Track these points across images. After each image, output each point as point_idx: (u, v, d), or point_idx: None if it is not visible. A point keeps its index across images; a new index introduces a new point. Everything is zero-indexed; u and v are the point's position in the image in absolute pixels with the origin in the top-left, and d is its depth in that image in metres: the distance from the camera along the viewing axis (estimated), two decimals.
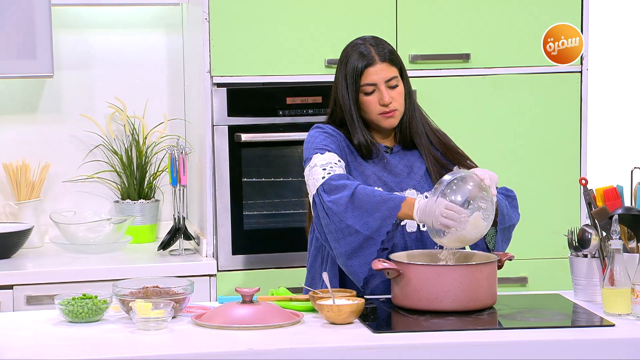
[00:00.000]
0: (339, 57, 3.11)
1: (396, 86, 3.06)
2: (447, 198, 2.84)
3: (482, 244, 3.06)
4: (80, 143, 4.15)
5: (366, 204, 2.90)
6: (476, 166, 3.12)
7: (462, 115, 3.91)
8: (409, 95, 3.11)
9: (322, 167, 2.98)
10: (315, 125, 3.12)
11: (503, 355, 2.57)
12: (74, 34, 4.14)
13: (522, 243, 3.92)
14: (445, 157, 3.12)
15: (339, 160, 3.01)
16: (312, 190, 2.98)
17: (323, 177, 2.95)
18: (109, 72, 4.16)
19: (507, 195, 3.09)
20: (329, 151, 3.02)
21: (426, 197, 3.05)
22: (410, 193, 3.06)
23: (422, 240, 3.05)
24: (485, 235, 3.05)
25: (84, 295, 2.79)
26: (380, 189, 3.04)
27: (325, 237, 2.98)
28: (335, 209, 2.91)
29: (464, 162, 3.13)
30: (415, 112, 3.12)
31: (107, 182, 4.15)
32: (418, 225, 3.05)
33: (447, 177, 2.89)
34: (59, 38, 4.08)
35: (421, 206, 2.87)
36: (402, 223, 3.03)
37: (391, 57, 3.06)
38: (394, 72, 3.06)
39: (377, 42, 3.08)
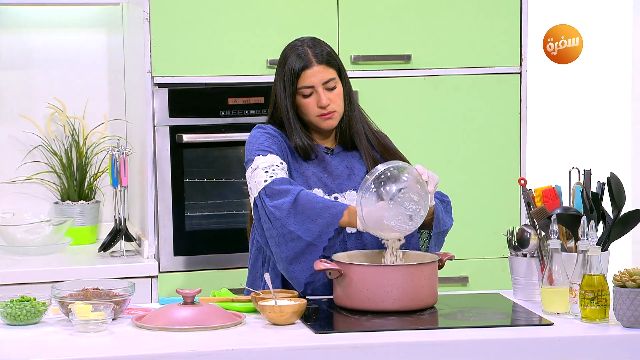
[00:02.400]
0: (280, 57, 3.12)
1: (334, 88, 3.07)
2: (381, 187, 2.86)
3: (415, 247, 3.08)
4: (19, 144, 4.11)
5: (309, 210, 2.90)
6: None
7: (403, 116, 3.93)
8: (349, 96, 3.11)
9: (265, 169, 2.98)
10: (257, 125, 3.12)
11: (444, 354, 2.59)
12: (13, 33, 4.09)
13: (463, 243, 3.95)
14: (384, 160, 3.13)
15: (281, 163, 3.01)
16: (254, 193, 2.98)
17: (265, 181, 2.95)
18: (48, 72, 4.12)
19: (442, 200, 3.11)
20: (271, 153, 3.02)
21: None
22: (350, 194, 3.07)
23: (362, 241, 3.06)
24: (419, 238, 3.07)
25: (23, 297, 2.76)
26: (320, 190, 3.04)
27: (265, 241, 2.98)
28: (278, 214, 2.91)
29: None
30: (355, 113, 3.13)
31: (47, 183, 4.11)
32: None
33: (380, 166, 2.90)
34: None
35: (364, 216, 2.87)
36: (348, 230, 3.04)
37: (329, 59, 3.07)
38: (331, 73, 3.06)
39: (315, 44, 3.08)
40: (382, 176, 2.88)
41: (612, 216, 2.93)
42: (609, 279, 2.74)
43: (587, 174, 2.97)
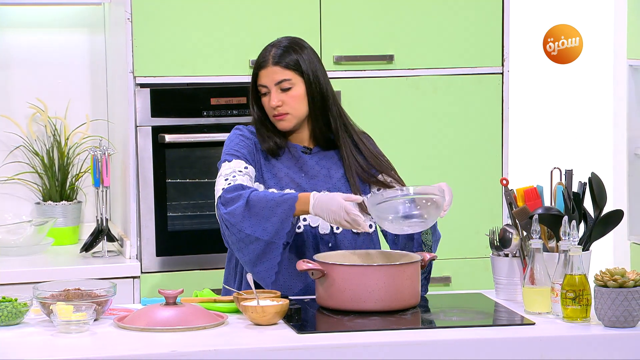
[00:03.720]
0: None
1: (289, 89, 3.05)
2: (402, 209, 2.85)
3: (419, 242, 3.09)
4: (0, 144, 4.09)
5: (261, 210, 2.91)
6: (400, 179, 3.13)
7: (385, 116, 3.94)
8: (322, 97, 3.08)
9: (225, 177, 3.00)
10: (236, 126, 3.13)
11: (426, 354, 2.59)
12: None
13: (445, 243, 3.94)
14: (368, 163, 3.13)
15: (245, 167, 3.02)
16: (216, 195, 3.01)
17: (223, 189, 2.98)
18: (29, 72, 4.10)
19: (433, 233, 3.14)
20: (237, 158, 3.03)
21: (375, 192, 3.04)
22: None
23: (335, 243, 3.06)
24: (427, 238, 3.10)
25: (4, 298, 2.75)
26: (292, 191, 3.04)
27: (230, 247, 3.00)
28: (232, 220, 2.92)
29: (388, 171, 3.14)
30: (333, 114, 3.11)
31: (28, 184, 4.10)
32: (331, 227, 3.06)
33: (414, 189, 2.90)
34: None
35: (317, 202, 2.88)
36: (312, 224, 3.04)
37: (287, 60, 3.05)
38: (287, 74, 3.04)
39: (279, 44, 3.08)
40: (407, 205, 2.88)
41: (593, 216, 2.94)
42: (590, 278, 2.75)
43: (569, 174, 2.99)
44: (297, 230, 3.03)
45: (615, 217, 2.93)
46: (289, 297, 2.86)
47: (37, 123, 4.11)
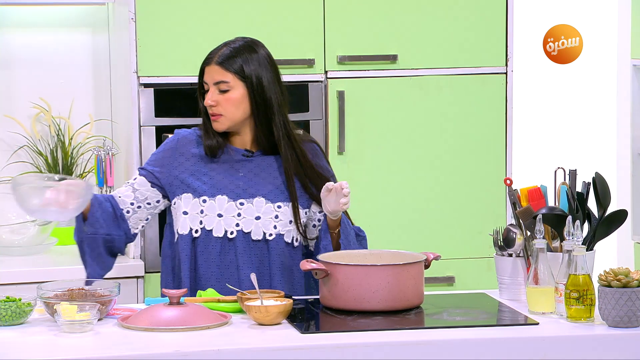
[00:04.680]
0: None
1: (226, 91, 3.02)
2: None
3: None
4: (4, 144, 4.09)
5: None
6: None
7: (389, 116, 3.94)
8: (265, 105, 3.03)
9: (126, 184, 3.09)
10: (175, 130, 3.15)
11: (430, 354, 2.59)
12: None
13: (449, 243, 3.96)
14: (307, 176, 3.08)
15: (134, 179, 3.07)
16: None
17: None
18: (33, 72, 4.11)
19: (357, 234, 3.12)
20: (139, 168, 3.09)
21: (279, 207, 3.05)
22: (258, 201, 3.04)
23: (268, 250, 3.06)
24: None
25: (8, 297, 2.75)
26: (224, 197, 3.03)
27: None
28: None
29: (320, 184, 3.07)
30: (276, 123, 3.05)
31: None
32: (264, 233, 3.05)
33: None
34: None
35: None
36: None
37: (229, 62, 3.02)
38: (226, 77, 3.01)
39: (231, 44, 3.06)
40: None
41: (597, 216, 2.94)
42: (594, 278, 2.75)
43: (573, 174, 2.98)
44: (230, 237, 3.03)
45: (619, 217, 2.92)
46: (293, 297, 2.86)
47: (40, 123, 4.12)
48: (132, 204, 3.05)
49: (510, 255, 2.98)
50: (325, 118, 3.90)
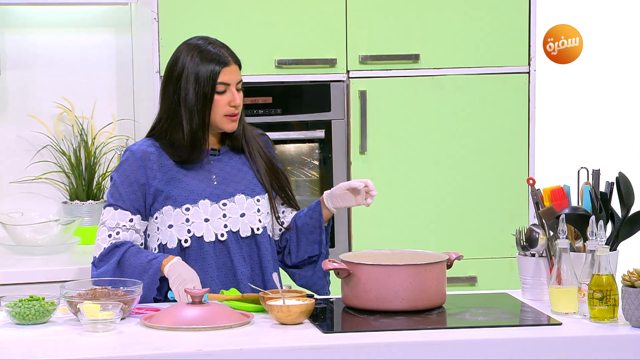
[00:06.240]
0: (181, 56, 3.04)
1: (240, 91, 3.05)
2: None
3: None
4: (28, 144, 4.11)
5: (131, 274, 2.95)
6: (290, 189, 3.16)
7: (410, 116, 3.93)
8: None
9: (109, 231, 3.00)
10: (127, 148, 3.08)
11: (452, 354, 2.59)
12: (20, 33, 4.10)
13: (472, 243, 3.95)
14: (267, 167, 3.11)
15: (130, 220, 3.01)
16: (95, 251, 3.02)
17: (103, 247, 2.99)
18: (56, 72, 4.12)
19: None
20: (122, 206, 3.00)
21: (258, 200, 3.06)
22: (239, 198, 3.05)
23: (257, 244, 3.06)
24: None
25: (31, 297, 2.76)
26: (207, 200, 3.02)
27: None
28: (102, 284, 2.93)
29: (283, 180, 3.13)
30: (244, 120, 3.11)
31: (55, 183, 4.12)
32: (252, 230, 3.06)
33: None
34: (4, 37, 4.04)
35: (172, 266, 2.91)
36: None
37: (240, 63, 3.06)
38: (240, 76, 3.05)
39: (226, 46, 3.07)
40: None
41: (620, 216, 2.93)
42: (617, 278, 2.74)
43: (596, 173, 2.97)
44: (221, 239, 3.03)
45: None
46: (315, 297, 2.86)
47: (64, 123, 4.13)
48: (141, 244, 3.06)
49: (533, 255, 2.97)
50: (347, 118, 3.90)
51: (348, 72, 3.89)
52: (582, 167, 2.99)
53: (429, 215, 3.95)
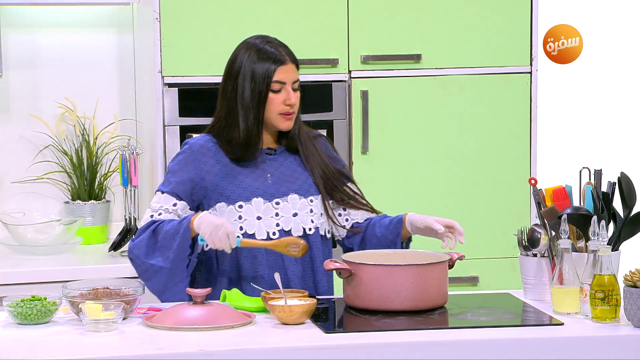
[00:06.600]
0: (239, 54, 3.05)
1: (297, 90, 3.06)
2: None
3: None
4: (30, 143, 4.12)
5: (163, 240, 2.94)
6: (356, 185, 3.16)
7: (413, 116, 3.93)
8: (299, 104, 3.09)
9: (152, 212, 3.01)
10: (185, 141, 3.10)
11: (454, 354, 2.59)
12: (23, 33, 4.10)
13: (473, 243, 3.94)
14: (328, 168, 3.12)
15: (174, 205, 3.01)
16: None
17: (143, 225, 3.00)
18: (58, 72, 4.13)
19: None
20: (170, 192, 3.01)
21: (311, 200, 3.07)
22: (292, 198, 3.06)
23: (309, 246, 3.06)
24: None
25: (33, 297, 2.77)
26: (260, 199, 3.03)
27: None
28: (137, 252, 2.95)
29: (345, 179, 3.14)
30: (301, 120, 3.12)
31: (57, 183, 4.12)
32: (304, 229, 3.06)
33: None
34: (7, 37, 4.04)
35: (205, 218, 2.90)
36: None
37: (297, 62, 3.07)
38: (297, 75, 3.06)
39: (284, 45, 3.08)
40: None
41: (622, 216, 2.92)
42: (619, 278, 2.73)
43: (598, 173, 2.97)
44: (273, 237, 3.03)
45: None
46: (317, 297, 2.86)
47: (66, 123, 4.13)
48: None
49: (535, 255, 2.97)
50: (349, 118, 3.90)
51: (350, 72, 3.90)
52: (584, 167, 2.99)
53: (430, 215, 3.94)
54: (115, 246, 3.86)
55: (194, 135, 3.13)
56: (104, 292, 2.78)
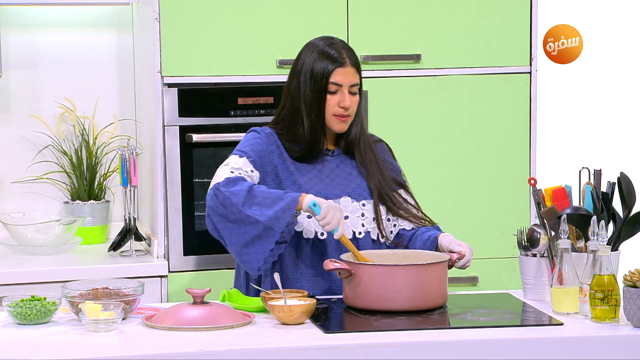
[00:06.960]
0: (303, 53, 3.11)
1: (355, 94, 3.09)
2: None
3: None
4: (29, 143, 4.12)
5: (264, 200, 2.92)
6: (411, 193, 3.19)
7: (412, 116, 3.93)
8: (360, 106, 3.12)
9: (231, 169, 2.99)
10: (252, 128, 3.13)
11: (453, 354, 2.59)
12: (23, 33, 4.10)
13: (472, 243, 3.92)
14: (383, 175, 3.14)
15: (252, 171, 3.02)
16: (215, 180, 2.98)
17: (228, 175, 2.96)
18: (58, 72, 4.13)
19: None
20: (249, 158, 3.02)
21: (363, 204, 3.08)
22: (345, 200, 3.07)
23: (358, 249, 3.05)
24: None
25: (33, 297, 2.77)
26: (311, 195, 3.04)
27: (214, 227, 2.97)
28: (235, 200, 2.91)
29: (400, 188, 3.16)
30: (360, 121, 3.13)
31: (57, 183, 4.12)
32: (354, 232, 3.07)
33: None
34: (7, 37, 4.04)
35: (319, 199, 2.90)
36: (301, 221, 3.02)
37: (359, 66, 3.10)
38: (357, 79, 3.09)
39: (349, 47, 3.11)
40: None
41: (622, 216, 2.93)
42: (619, 279, 2.74)
43: (597, 173, 2.97)
44: (321, 237, 3.03)
45: None
46: (316, 297, 2.86)
47: (65, 123, 4.14)
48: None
49: (535, 255, 2.98)
50: None
51: None
52: (583, 167, 2.99)
53: (430, 214, 3.94)
54: (115, 246, 3.86)
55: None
56: (103, 292, 2.78)
